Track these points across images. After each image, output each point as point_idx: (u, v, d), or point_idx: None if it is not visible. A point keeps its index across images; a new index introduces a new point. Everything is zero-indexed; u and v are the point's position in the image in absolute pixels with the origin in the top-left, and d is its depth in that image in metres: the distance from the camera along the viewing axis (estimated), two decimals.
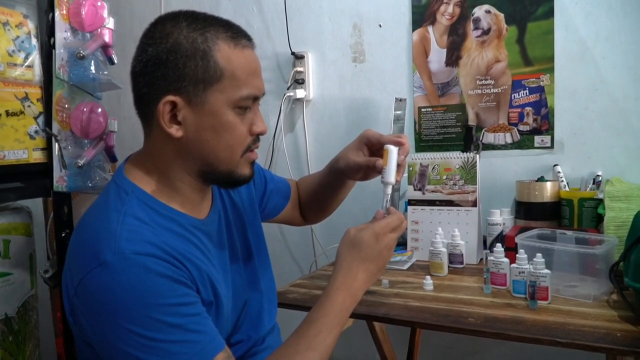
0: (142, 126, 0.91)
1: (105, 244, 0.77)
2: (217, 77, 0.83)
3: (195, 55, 0.82)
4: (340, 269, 0.92)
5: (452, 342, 1.82)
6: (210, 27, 0.84)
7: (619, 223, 1.27)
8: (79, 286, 0.77)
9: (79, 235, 0.84)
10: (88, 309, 0.77)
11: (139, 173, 0.89)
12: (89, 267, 0.76)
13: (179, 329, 0.76)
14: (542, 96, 1.62)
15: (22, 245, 1.23)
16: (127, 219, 0.81)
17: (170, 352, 0.75)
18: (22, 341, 1.23)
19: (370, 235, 0.93)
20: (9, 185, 1.13)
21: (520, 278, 1.11)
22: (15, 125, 1.12)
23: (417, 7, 1.78)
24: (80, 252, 0.80)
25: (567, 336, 0.89)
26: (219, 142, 0.86)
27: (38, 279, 1.29)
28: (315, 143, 2.00)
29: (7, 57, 1.11)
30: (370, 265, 0.92)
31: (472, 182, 1.42)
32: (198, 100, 0.83)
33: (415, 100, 1.81)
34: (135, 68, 0.86)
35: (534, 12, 1.61)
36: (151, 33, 0.85)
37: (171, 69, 0.82)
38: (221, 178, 0.91)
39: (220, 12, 2.13)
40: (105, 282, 0.75)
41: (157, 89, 0.83)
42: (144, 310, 0.74)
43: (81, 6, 1.22)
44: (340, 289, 0.90)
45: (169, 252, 0.80)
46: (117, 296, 0.74)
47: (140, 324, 0.74)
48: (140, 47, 0.86)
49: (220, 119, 0.85)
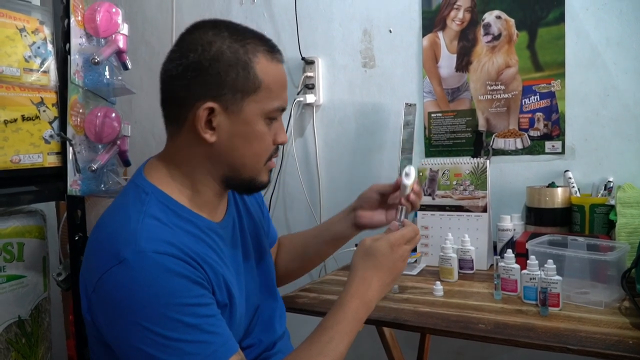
0: (168, 127, 0.93)
1: (125, 242, 0.78)
2: (255, 88, 0.87)
3: (237, 65, 0.85)
4: (355, 277, 0.93)
5: (462, 348, 1.81)
6: (250, 39, 0.88)
7: (630, 229, 1.26)
8: (97, 283, 0.78)
9: (98, 234, 0.85)
10: (106, 306, 0.78)
11: (160, 174, 0.91)
12: (108, 264, 0.77)
13: (194, 329, 0.77)
14: (553, 102, 1.62)
15: (36, 248, 1.24)
16: (147, 219, 0.82)
17: (185, 352, 0.76)
18: (35, 343, 1.24)
19: (386, 246, 0.94)
20: (24, 188, 1.15)
21: (531, 284, 1.11)
22: (31, 130, 1.14)
23: (427, 12, 1.78)
24: (99, 250, 0.82)
25: (578, 343, 0.89)
26: (248, 149, 0.89)
27: (51, 282, 1.30)
28: (325, 148, 2.01)
29: (23, 63, 1.13)
30: (384, 275, 0.93)
31: (482, 188, 1.42)
32: (234, 108, 0.86)
33: (425, 105, 1.81)
34: (172, 71, 0.88)
35: (544, 18, 1.61)
36: (192, 39, 0.87)
37: (213, 76, 0.85)
38: (243, 184, 0.94)
39: (231, 17, 2.14)
40: (124, 279, 0.76)
41: (194, 94, 0.86)
42: (161, 308, 0.75)
43: (96, 12, 1.23)
44: (354, 296, 0.91)
45: (187, 253, 0.81)
46: (135, 294, 0.76)
47: (157, 322, 0.75)
48: (179, 51, 0.88)
49: (253, 128, 0.88)
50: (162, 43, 2.37)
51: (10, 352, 1.18)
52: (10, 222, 1.19)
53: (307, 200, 2.03)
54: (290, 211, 2.10)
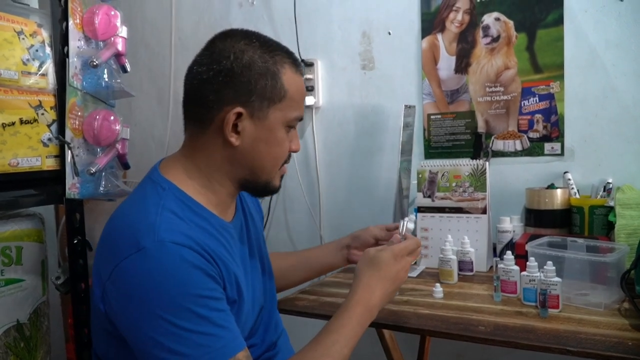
0: (190, 127, 0.96)
1: (144, 231, 0.81)
2: (281, 97, 0.92)
3: (267, 74, 0.91)
4: (359, 284, 0.96)
5: (461, 350, 1.81)
6: (278, 51, 0.94)
7: (630, 231, 1.26)
8: (114, 271, 0.80)
9: (114, 224, 0.87)
10: (121, 294, 0.80)
11: (176, 172, 0.94)
12: (126, 252, 0.79)
13: (206, 321, 0.78)
14: (552, 103, 1.62)
15: (35, 252, 1.24)
16: (165, 212, 0.85)
17: (196, 343, 0.77)
18: (34, 347, 1.24)
19: (389, 256, 0.98)
20: (23, 192, 1.15)
21: (531, 286, 1.10)
22: (29, 133, 1.13)
23: (426, 14, 1.79)
24: (117, 239, 0.84)
25: (578, 345, 0.89)
26: (268, 154, 0.95)
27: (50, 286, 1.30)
28: (324, 150, 2.01)
29: (21, 66, 1.13)
30: (387, 284, 0.97)
31: (482, 189, 1.42)
32: (260, 115, 0.91)
33: (424, 107, 1.81)
34: (202, 75, 0.91)
35: (543, 20, 1.61)
36: (224, 46, 0.91)
37: (244, 83, 0.89)
38: (258, 187, 0.99)
39: (230, 20, 2.15)
40: (142, 267, 0.78)
41: (224, 98, 0.90)
42: (176, 298, 0.77)
43: (94, 15, 1.23)
44: (359, 303, 0.94)
45: (203, 247, 0.83)
46: (151, 282, 0.78)
47: (171, 311, 0.77)
48: (210, 57, 0.92)
49: (275, 134, 0.94)
50: (162, 45, 2.37)
51: (9, 356, 1.17)
52: (8, 226, 1.19)
53: (306, 202, 2.03)
54: (290, 213, 2.10)
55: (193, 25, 2.27)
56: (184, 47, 2.29)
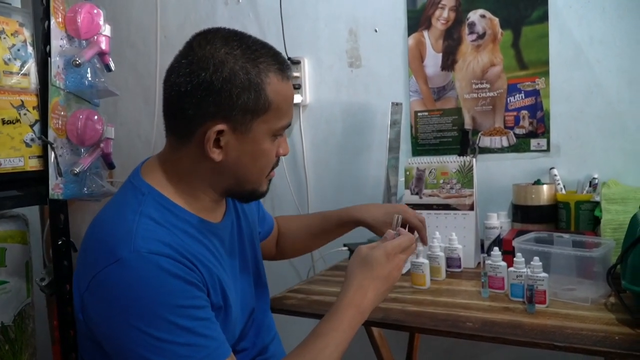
0: (171, 139, 0.92)
1: (121, 241, 0.78)
2: (265, 109, 0.87)
3: (250, 87, 0.84)
4: (350, 286, 0.92)
5: (450, 347, 1.82)
6: (262, 57, 0.87)
7: (615, 225, 1.27)
8: (92, 282, 0.78)
9: (93, 233, 0.85)
10: (100, 305, 0.78)
11: (157, 176, 0.91)
12: (104, 263, 0.77)
13: (187, 331, 0.76)
14: (538, 99, 1.63)
15: (19, 253, 1.23)
16: (143, 219, 0.82)
17: (177, 355, 0.75)
18: (19, 350, 1.23)
19: (382, 255, 0.94)
20: (5, 193, 1.13)
21: (518, 282, 1.11)
22: (12, 133, 1.12)
23: (413, 12, 1.79)
24: (95, 249, 0.82)
25: (565, 340, 0.89)
26: (254, 166, 0.91)
27: (34, 287, 1.28)
28: (312, 148, 2.01)
29: (3, 66, 1.11)
30: (379, 284, 0.93)
31: (469, 186, 1.42)
32: (243, 129, 0.86)
33: (411, 104, 1.82)
34: (181, 87, 0.85)
35: (528, 16, 1.62)
36: (203, 55, 0.85)
37: (224, 98, 0.84)
38: (244, 194, 0.96)
39: (216, 18, 2.13)
40: (120, 278, 0.76)
41: (204, 113, 0.85)
42: (155, 309, 0.75)
43: (77, 14, 1.22)
44: (350, 305, 0.90)
45: (183, 254, 0.81)
46: (129, 293, 0.75)
47: (150, 322, 0.75)
48: (188, 67, 0.85)
49: (260, 146, 0.89)
50: (147, 44, 2.35)
51: None
52: None
53: (294, 200, 2.03)
54: (278, 212, 2.09)
55: (179, 23, 2.25)
56: (169, 45, 2.27)
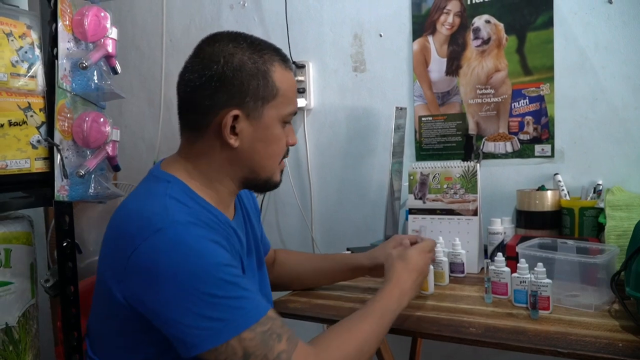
0: (186, 134, 0.98)
1: (157, 215, 0.84)
2: (273, 95, 0.94)
3: (258, 74, 0.92)
4: (394, 274, 1.06)
5: (453, 352, 1.81)
6: (266, 50, 0.95)
7: (619, 232, 1.26)
8: (132, 256, 0.81)
9: (121, 217, 0.89)
10: (144, 276, 0.81)
11: (178, 170, 0.96)
12: (143, 236, 0.81)
13: (235, 286, 0.82)
14: (542, 105, 1.63)
15: (23, 255, 1.23)
16: (172, 200, 0.88)
17: (231, 307, 0.80)
18: (23, 351, 1.23)
19: (415, 252, 1.11)
20: (11, 194, 1.13)
21: (522, 287, 1.11)
22: (18, 135, 1.12)
23: (417, 17, 1.79)
24: (128, 227, 0.85)
25: (569, 346, 0.89)
26: (267, 152, 0.97)
27: (39, 288, 1.29)
28: (315, 152, 2.01)
29: (10, 68, 1.11)
30: (414, 275, 1.07)
31: (473, 191, 1.42)
32: (256, 114, 0.93)
33: (415, 109, 1.82)
34: (195, 81, 0.92)
35: (533, 22, 1.62)
36: (213, 51, 0.93)
37: (236, 85, 0.91)
38: (259, 184, 1.01)
39: (222, 21, 2.14)
40: (164, 245, 0.80)
41: (219, 102, 0.92)
42: (203, 268, 0.80)
43: (84, 17, 1.22)
44: (396, 286, 1.03)
45: (214, 228, 0.88)
46: (176, 257, 0.80)
47: (201, 281, 0.79)
48: (200, 63, 0.93)
49: (272, 132, 0.96)
50: (152, 47, 2.36)
51: None
52: None
53: (298, 204, 2.03)
54: (281, 216, 2.10)
55: (184, 27, 2.26)
56: (175, 49, 2.28)
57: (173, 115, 2.29)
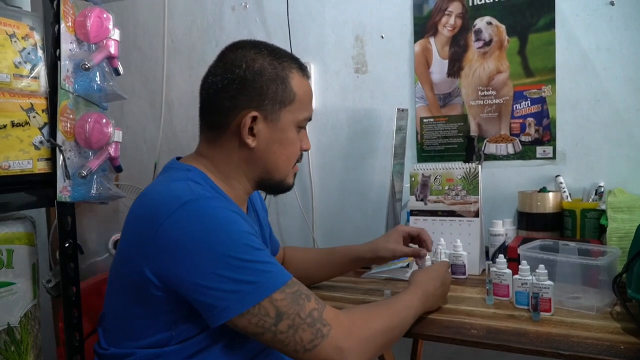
0: (206, 134, 1.04)
1: (182, 191, 0.88)
2: (291, 100, 1.00)
3: (277, 79, 0.99)
4: (415, 281, 1.09)
5: (454, 354, 1.81)
6: (284, 58, 1.02)
7: (621, 234, 1.27)
8: (160, 230, 0.84)
9: (143, 202, 0.93)
10: (172, 248, 0.84)
11: (198, 165, 1.01)
12: (169, 211, 0.85)
13: (261, 251, 0.86)
14: (544, 107, 1.63)
15: (25, 255, 1.23)
16: (194, 183, 0.92)
17: (261, 271, 0.84)
18: (25, 351, 1.23)
19: (439, 265, 1.17)
20: (13, 195, 1.14)
21: (523, 289, 1.11)
22: (21, 136, 1.12)
23: (419, 18, 1.79)
24: (152, 208, 0.89)
25: (570, 348, 0.89)
26: (282, 154, 1.02)
27: (41, 289, 1.29)
28: (317, 153, 2.01)
29: (13, 69, 1.12)
30: (437, 282, 1.11)
31: (474, 193, 1.42)
32: (273, 117, 0.99)
33: (417, 110, 1.82)
34: (218, 85, 0.99)
35: (535, 24, 1.62)
36: (236, 56, 0.99)
37: (256, 89, 0.97)
38: (273, 185, 1.06)
39: (223, 23, 2.15)
40: (190, 217, 0.84)
41: (239, 104, 0.98)
42: (231, 235, 0.85)
43: (87, 18, 1.22)
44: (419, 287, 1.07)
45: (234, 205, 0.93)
46: (204, 226, 0.84)
47: (230, 247, 0.83)
48: (223, 67, 1.00)
49: (287, 135, 1.02)
50: (154, 48, 2.36)
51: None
52: None
53: (299, 205, 2.03)
54: (283, 216, 2.10)
55: (185, 28, 2.26)
56: (176, 50, 2.28)
57: (174, 116, 2.31)
